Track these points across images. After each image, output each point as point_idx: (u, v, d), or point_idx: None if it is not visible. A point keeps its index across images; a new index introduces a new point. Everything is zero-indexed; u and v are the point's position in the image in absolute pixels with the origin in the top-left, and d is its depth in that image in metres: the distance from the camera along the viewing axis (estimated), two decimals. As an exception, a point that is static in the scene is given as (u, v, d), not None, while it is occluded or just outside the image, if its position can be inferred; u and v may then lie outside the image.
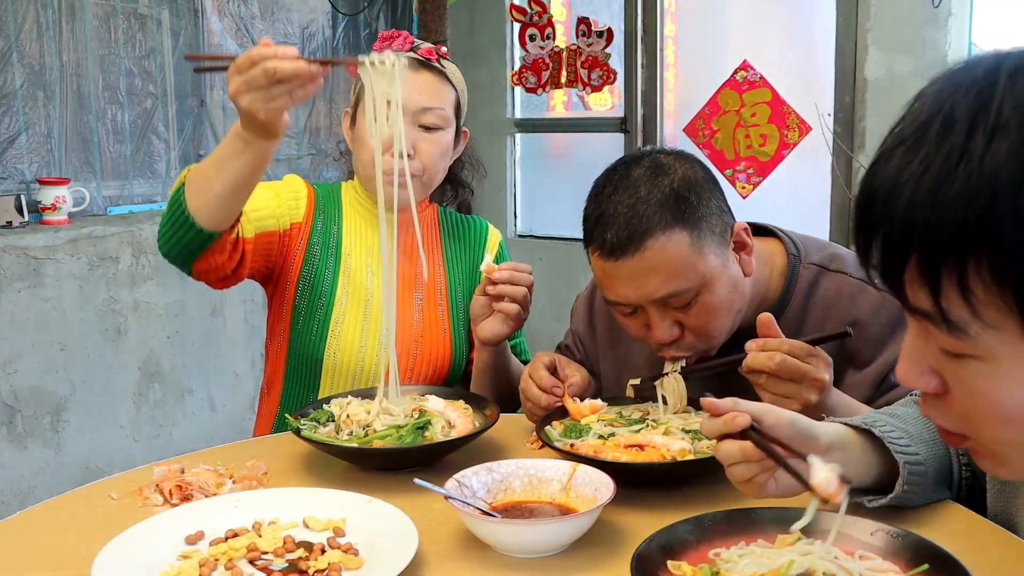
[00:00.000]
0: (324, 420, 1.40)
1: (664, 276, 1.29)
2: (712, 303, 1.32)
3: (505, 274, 1.57)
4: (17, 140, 3.15)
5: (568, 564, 1.05)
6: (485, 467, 1.18)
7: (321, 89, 1.48)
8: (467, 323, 1.75)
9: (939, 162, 0.61)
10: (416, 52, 1.68)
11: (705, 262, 1.30)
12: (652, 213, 1.28)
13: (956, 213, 0.60)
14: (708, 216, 1.31)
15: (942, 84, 0.65)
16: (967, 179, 0.59)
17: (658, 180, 1.31)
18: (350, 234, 1.75)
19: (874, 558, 0.94)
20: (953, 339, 0.65)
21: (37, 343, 3.03)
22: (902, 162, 0.64)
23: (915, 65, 3.19)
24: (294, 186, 1.74)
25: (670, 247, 1.28)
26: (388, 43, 1.67)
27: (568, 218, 4.26)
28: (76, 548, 1.08)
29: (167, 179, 3.66)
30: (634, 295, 1.31)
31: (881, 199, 0.65)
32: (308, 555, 1.05)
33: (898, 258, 0.65)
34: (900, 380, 0.73)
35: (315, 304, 1.68)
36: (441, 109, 1.68)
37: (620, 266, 1.30)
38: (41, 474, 3.08)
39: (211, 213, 1.43)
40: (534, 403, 1.43)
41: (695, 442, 1.28)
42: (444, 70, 1.70)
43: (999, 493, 1.12)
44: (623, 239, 1.28)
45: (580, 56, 3.99)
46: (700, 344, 1.37)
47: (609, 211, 1.31)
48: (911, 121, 0.65)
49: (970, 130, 0.61)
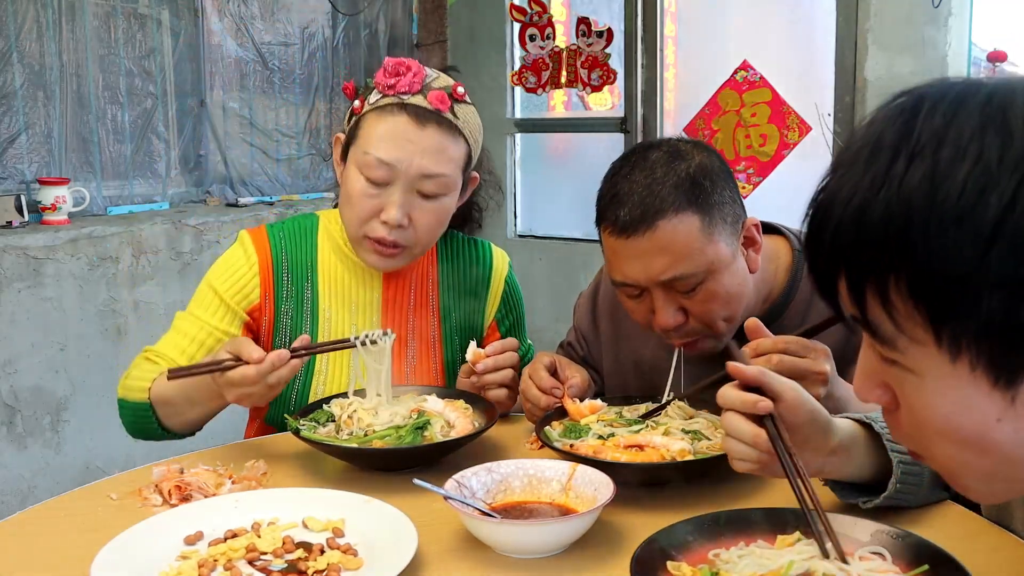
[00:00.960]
0: (324, 420, 1.40)
1: (672, 258, 1.30)
2: (717, 291, 1.33)
3: (489, 362, 1.45)
4: (17, 140, 3.15)
5: (568, 564, 1.05)
6: (485, 467, 1.18)
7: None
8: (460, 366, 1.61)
9: (865, 186, 0.65)
10: (426, 96, 1.47)
11: (714, 248, 1.31)
12: (666, 194, 1.29)
13: (876, 235, 0.64)
14: (721, 204, 1.33)
15: (885, 110, 0.69)
16: (887, 203, 0.64)
17: (675, 164, 1.32)
18: (327, 289, 1.59)
19: (874, 559, 0.93)
20: (887, 349, 0.69)
21: (37, 343, 3.03)
22: (837, 184, 0.68)
23: (915, 65, 3.19)
24: (236, 268, 1.56)
25: (681, 229, 1.29)
26: (395, 79, 1.47)
27: (568, 218, 4.27)
28: (76, 548, 1.08)
29: (167, 179, 3.66)
30: (642, 275, 1.32)
31: (819, 218, 0.70)
32: (307, 555, 1.05)
33: (830, 273, 0.70)
34: (856, 394, 0.76)
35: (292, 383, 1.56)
36: (444, 176, 1.48)
37: (630, 244, 1.31)
38: (41, 474, 3.08)
39: (188, 428, 1.50)
40: (533, 403, 1.43)
41: (695, 442, 1.28)
42: (456, 120, 1.49)
43: None
44: (635, 217, 1.29)
45: (580, 56, 3.99)
46: (703, 332, 1.37)
47: (624, 190, 1.32)
48: (852, 145, 0.69)
49: (893, 156, 0.65)
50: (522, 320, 1.75)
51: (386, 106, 1.48)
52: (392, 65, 1.48)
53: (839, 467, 1.10)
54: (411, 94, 1.47)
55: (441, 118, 1.47)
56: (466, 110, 1.52)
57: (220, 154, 3.82)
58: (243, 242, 1.60)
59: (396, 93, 1.47)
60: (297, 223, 1.64)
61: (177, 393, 1.44)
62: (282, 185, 4.04)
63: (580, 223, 4.22)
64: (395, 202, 1.46)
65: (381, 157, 1.45)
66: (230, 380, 1.31)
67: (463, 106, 1.52)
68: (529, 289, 2.10)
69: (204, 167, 3.79)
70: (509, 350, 1.48)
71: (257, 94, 3.95)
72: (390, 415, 1.37)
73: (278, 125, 4.04)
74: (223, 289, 1.55)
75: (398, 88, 1.47)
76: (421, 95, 1.47)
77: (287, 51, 4.04)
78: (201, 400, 1.43)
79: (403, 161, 1.45)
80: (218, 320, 1.54)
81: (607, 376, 1.63)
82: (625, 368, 1.57)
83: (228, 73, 3.84)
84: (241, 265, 1.57)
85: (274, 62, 3.98)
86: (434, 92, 1.48)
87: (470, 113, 1.53)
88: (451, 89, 1.50)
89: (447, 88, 1.50)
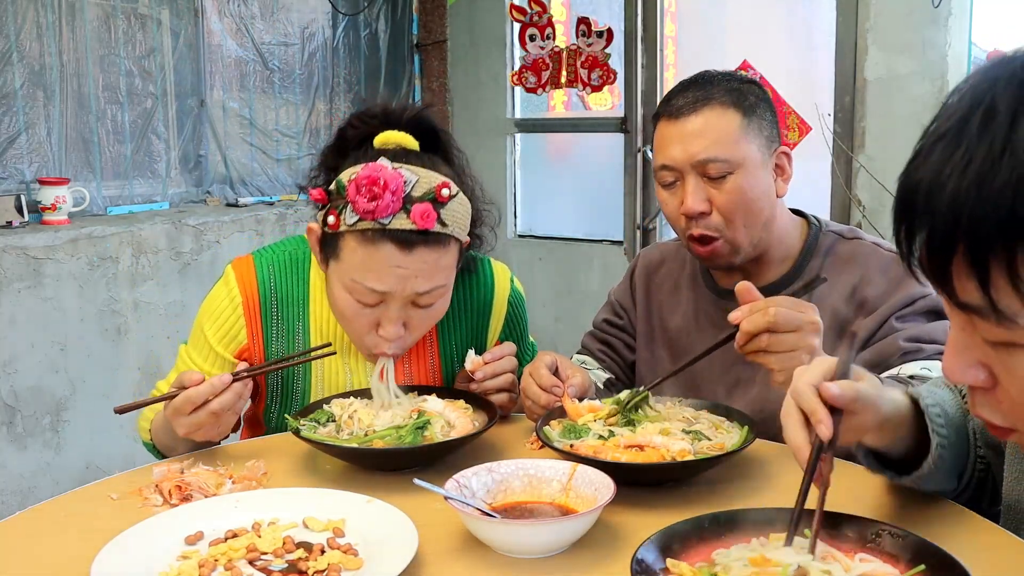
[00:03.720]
0: (324, 420, 1.40)
1: (709, 141, 1.47)
2: (743, 186, 1.48)
3: (488, 370, 1.44)
4: (17, 140, 3.16)
5: (568, 564, 1.05)
6: (485, 467, 1.18)
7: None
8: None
9: (982, 154, 0.61)
10: (409, 214, 1.32)
11: (747, 146, 1.48)
12: (716, 92, 1.50)
13: (1003, 203, 0.60)
14: (761, 119, 1.52)
15: (978, 79, 0.65)
16: (1012, 169, 0.60)
17: (729, 78, 1.54)
18: (318, 328, 1.54)
19: (873, 560, 0.93)
20: (1002, 329, 0.65)
21: (37, 343, 3.03)
22: (943, 156, 0.64)
23: (915, 65, 3.19)
24: (221, 311, 1.52)
25: (723, 119, 1.48)
26: (374, 203, 1.31)
27: (568, 218, 4.27)
28: (76, 548, 1.08)
29: (167, 179, 3.66)
30: (681, 155, 1.48)
31: (924, 193, 0.65)
32: (308, 555, 1.05)
33: (945, 251, 0.65)
34: (946, 375, 0.73)
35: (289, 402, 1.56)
36: (440, 287, 1.41)
37: (678, 126, 1.49)
38: (41, 474, 3.08)
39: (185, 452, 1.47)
40: (534, 401, 1.43)
41: (695, 442, 1.28)
42: (444, 230, 1.36)
43: (1016, 481, 1.10)
44: (688, 102, 1.50)
45: (580, 56, 3.99)
46: (722, 232, 1.49)
47: (681, 89, 1.53)
48: (949, 116, 0.66)
49: (1012, 122, 0.61)
50: (525, 329, 1.73)
51: (367, 231, 1.34)
52: (366, 184, 1.32)
53: (878, 439, 1.06)
54: (392, 215, 1.33)
55: (428, 236, 1.35)
56: (453, 208, 1.37)
57: (220, 154, 3.83)
58: (227, 280, 1.53)
59: (375, 218, 1.33)
60: (288, 253, 1.56)
61: (161, 432, 1.48)
62: (282, 185, 4.04)
63: (580, 223, 4.22)
64: (392, 318, 1.40)
65: (371, 287, 1.37)
66: (174, 407, 1.33)
67: (450, 205, 1.36)
68: (529, 289, 2.10)
69: (204, 167, 3.79)
70: (507, 355, 1.47)
71: (257, 94, 3.95)
72: (390, 415, 1.38)
73: (278, 125, 4.04)
74: (211, 334, 1.52)
75: (378, 213, 1.32)
76: (404, 213, 1.33)
77: (287, 51, 4.04)
78: (174, 439, 1.43)
79: (394, 287, 1.36)
80: (210, 366, 1.52)
81: (639, 338, 1.73)
82: (655, 334, 1.70)
83: (228, 73, 3.84)
84: (225, 307, 1.52)
85: (274, 62, 3.98)
86: (417, 207, 1.33)
87: (457, 206, 1.38)
88: (435, 195, 1.34)
89: (430, 196, 1.34)
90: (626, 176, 3.97)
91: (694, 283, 1.67)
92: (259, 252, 1.57)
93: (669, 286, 1.71)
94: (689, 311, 1.65)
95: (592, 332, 1.80)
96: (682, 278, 1.70)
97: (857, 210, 3.32)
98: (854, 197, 3.33)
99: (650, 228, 3.95)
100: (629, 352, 1.74)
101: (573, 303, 4.15)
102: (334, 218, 1.37)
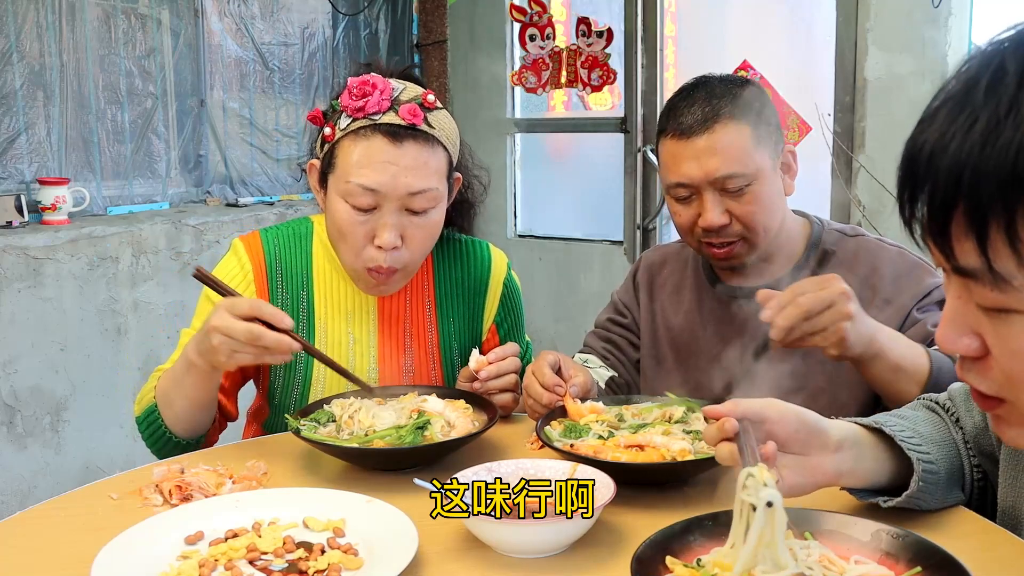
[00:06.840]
0: (324, 420, 1.40)
1: (726, 158, 1.47)
2: (761, 195, 1.49)
3: (492, 369, 1.45)
4: (17, 140, 3.16)
5: (568, 564, 1.05)
6: (485, 467, 1.18)
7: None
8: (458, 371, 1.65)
9: (988, 113, 0.61)
10: (397, 111, 1.44)
11: (761, 157, 1.49)
12: (724, 105, 1.49)
13: (1005, 161, 0.60)
14: (767, 125, 1.51)
15: (989, 46, 0.65)
16: (1016, 128, 0.60)
17: (730, 86, 1.52)
18: (323, 298, 1.59)
19: (868, 562, 0.93)
20: (997, 293, 0.65)
21: (37, 343, 3.03)
22: (949, 116, 0.64)
23: (915, 65, 3.19)
24: (232, 277, 1.55)
25: (735, 133, 1.47)
26: (363, 100, 1.43)
27: (568, 218, 4.26)
28: (76, 548, 1.08)
29: (167, 179, 3.66)
30: (698, 173, 1.47)
31: (927, 153, 0.65)
32: (308, 555, 1.05)
33: (945, 209, 0.65)
34: (939, 344, 0.74)
35: (291, 381, 1.59)
36: (431, 190, 1.46)
37: (689, 145, 1.48)
38: (41, 474, 3.08)
39: (185, 426, 1.46)
40: (535, 400, 1.43)
41: (695, 442, 1.28)
42: (432, 130, 1.46)
43: (1010, 487, 1.11)
44: (697, 120, 1.48)
45: (580, 56, 3.99)
46: (742, 236, 1.50)
47: (685, 103, 1.51)
48: (958, 81, 0.65)
49: (1020, 82, 0.61)
50: (521, 320, 1.75)
51: (359, 129, 1.44)
52: (357, 85, 1.44)
53: (852, 466, 1.08)
54: (382, 112, 1.43)
55: (417, 132, 1.44)
56: (439, 117, 1.49)
57: (220, 154, 3.83)
58: (236, 250, 1.58)
59: (366, 115, 1.43)
60: (291, 228, 1.62)
61: (168, 380, 1.45)
62: (282, 185, 4.04)
63: (580, 223, 4.22)
64: (387, 224, 1.44)
65: (364, 184, 1.42)
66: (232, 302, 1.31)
67: (436, 113, 1.48)
68: (529, 289, 2.11)
69: (204, 167, 3.79)
70: (510, 355, 1.48)
71: (257, 94, 3.95)
72: (391, 415, 1.38)
73: (278, 125, 4.04)
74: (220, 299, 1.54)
75: (367, 109, 1.43)
76: (392, 111, 1.44)
77: (287, 51, 4.04)
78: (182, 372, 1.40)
79: (387, 184, 1.42)
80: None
81: (643, 337, 1.74)
82: (659, 333, 1.71)
83: (228, 73, 3.84)
84: (236, 273, 1.56)
85: (274, 62, 3.98)
86: (405, 106, 1.44)
87: (444, 118, 1.50)
88: (421, 99, 1.47)
89: (417, 99, 1.47)
90: (626, 176, 3.97)
91: (697, 283, 1.68)
92: (264, 229, 1.63)
93: (672, 287, 1.72)
94: (692, 310, 1.67)
95: (595, 331, 1.81)
96: (684, 279, 1.71)
97: (857, 210, 3.32)
98: (854, 197, 3.33)
99: (650, 228, 3.95)
100: (633, 350, 1.75)
101: (573, 303, 4.15)
102: (330, 129, 1.48)
